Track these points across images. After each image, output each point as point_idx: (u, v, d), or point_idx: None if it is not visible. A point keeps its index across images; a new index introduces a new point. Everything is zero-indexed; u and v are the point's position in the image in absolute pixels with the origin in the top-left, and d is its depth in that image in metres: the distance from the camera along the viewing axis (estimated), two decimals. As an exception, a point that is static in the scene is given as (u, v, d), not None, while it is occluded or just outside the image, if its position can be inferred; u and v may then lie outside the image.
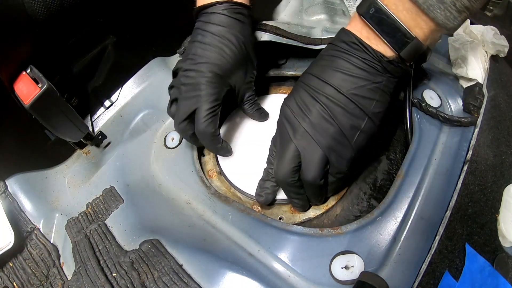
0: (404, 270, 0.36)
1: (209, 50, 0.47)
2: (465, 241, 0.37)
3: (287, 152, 0.41)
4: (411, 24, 0.37)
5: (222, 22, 0.47)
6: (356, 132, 0.40)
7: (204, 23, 0.48)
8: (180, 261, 0.41)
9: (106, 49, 0.68)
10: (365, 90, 0.39)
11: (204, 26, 0.47)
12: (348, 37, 0.40)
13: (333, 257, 0.38)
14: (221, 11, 0.47)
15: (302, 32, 0.55)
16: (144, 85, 0.66)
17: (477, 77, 0.48)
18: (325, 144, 0.40)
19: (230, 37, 0.47)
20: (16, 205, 0.54)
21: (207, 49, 0.47)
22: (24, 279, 0.48)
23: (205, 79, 0.46)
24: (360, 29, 0.40)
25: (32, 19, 0.48)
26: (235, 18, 0.48)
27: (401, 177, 0.43)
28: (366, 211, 0.46)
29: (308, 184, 0.42)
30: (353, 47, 0.40)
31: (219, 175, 0.53)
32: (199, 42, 0.47)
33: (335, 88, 0.40)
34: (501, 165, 0.44)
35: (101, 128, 0.64)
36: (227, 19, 0.47)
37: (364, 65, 0.39)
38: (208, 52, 0.47)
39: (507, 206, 0.42)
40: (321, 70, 0.41)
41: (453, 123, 0.46)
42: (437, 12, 0.35)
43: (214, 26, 0.47)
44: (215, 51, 0.46)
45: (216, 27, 0.47)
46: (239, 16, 0.48)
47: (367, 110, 0.40)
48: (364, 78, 0.39)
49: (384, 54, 0.39)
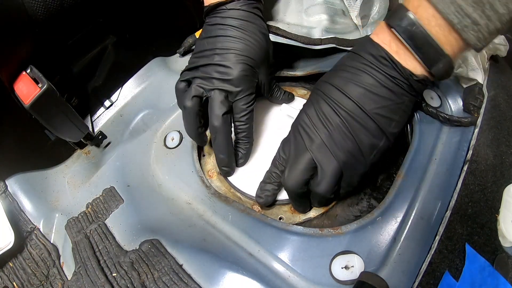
0: (404, 270, 0.36)
1: (237, 42, 0.46)
2: (465, 241, 0.37)
3: (301, 162, 0.40)
4: (442, 40, 0.35)
5: (242, 16, 0.47)
6: (373, 150, 0.40)
7: (222, 18, 0.47)
8: (180, 261, 0.41)
9: (106, 49, 0.68)
10: (387, 110, 0.39)
11: (224, 21, 0.47)
12: (376, 51, 0.38)
13: (333, 257, 0.38)
14: (240, 7, 0.46)
15: (302, 32, 0.55)
16: (144, 85, 0.66)
17: (477, 77, 0.48)
18: (342, 159, 0.39)
19: (253, 30, 0.47)
20: (16, 205, 0.54)
21: (234, 41, 0.46)
22: (24, 279, 0.48)
23: (239, 71, 0.45)
24: (389, 42, 0.38)
25: (32, 19, 0.48)
26: (253, 12, 0.48)
27: (401, 177, 0.43)
28: (366, 211, 0.46)
29: (317, 195, 0.41)
30: (382, 62, 0.38)
31: (219, 175, 0.53)
32: (222, 36, 0.46)
33: (357, 104, 0.38)
34: (501, 165, 0.44)
35: (101, 128, 0.64)
36: (246, 13, 0.47)
37: (390, 83, 0.38)
38: (236, 44, 0.46)
39: (507, 206, 0.42)
40: (344, 82, 0.40)
41: (453, 123, 0.45)
42: (470, 33, 0.34)
43: (235, 20, 0.46)
44: (243, 43, 0.46)
45: (238, 21, 0.46)
46: (256, 10, 0.48)
47: (386, 130, 0.39)
48: (388, 98, 0.38)
49: (413, 71, 0.37)
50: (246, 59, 0.46)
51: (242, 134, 0.49)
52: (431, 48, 0.36)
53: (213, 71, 0.46)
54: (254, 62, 0.47)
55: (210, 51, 0.47)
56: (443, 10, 0.34)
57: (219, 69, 0.46)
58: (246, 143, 0.50)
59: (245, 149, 0.50)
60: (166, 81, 0.64)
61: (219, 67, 0.46)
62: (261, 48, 0.47)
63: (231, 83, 0.46)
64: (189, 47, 0.67)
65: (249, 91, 0.47)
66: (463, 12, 0.33)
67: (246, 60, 0.46)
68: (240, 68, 0.45)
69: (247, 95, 0.47)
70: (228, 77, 0.45)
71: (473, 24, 0.33)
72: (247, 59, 0.46)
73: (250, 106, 0.48)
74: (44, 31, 0.51)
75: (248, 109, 0.48)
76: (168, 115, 0.59)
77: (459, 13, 0.33)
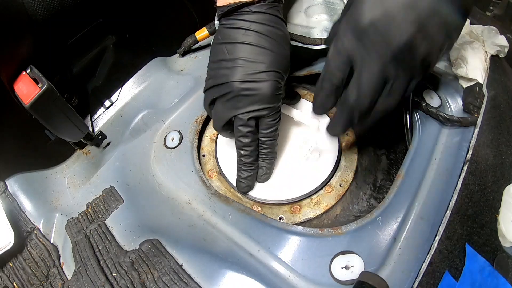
0: (404, 270, 0.36)
1: (264, 54, 0.41)
2: (465, 241, 0.37)
3: None
4: None
5: (269, 21, 0.42)
6: None
7: (246, 22, 0.42)
8: (180, 261, 0.41)
9: (106, 49, 0.68)
10: None
11: (248, 25, 0.42)
12: None
13: (333, 257, 0.38)
14: (265, 10, 0.42)
15: (302, 32, 0.55)
16: (144, 85, 0.66)
17: (477, 77, 0.48)
18: None
19: (280, 39, 0.43)
20: (16, 205, 0.54)
21: (261, 53, 0.41)
22: (24, 279, 0.48)
23: (269, 90, 0.41)
24: None
25: (32, 19, 0.48)
26: (278, 16, 0.43)
27: (401, 177, 0.43)
28: (366, 211, 0.46)
29: None
30: None
31: (219, 175, 0.53)
32: (247, 44, 0.42)
33: None
34: (501, 165, 0.44)
35: (101, 128, 0.64)
36: (272, 18, 0.43)
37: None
38: (264, 56, 0.41)
39: (507, 206, 0.42)
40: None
41: (453, 123, 0.45)
42: None
43: (261, 26, 0.42)
44: (271, 54, 0.42)
45: (265, 27, 0.42)
46: (279, 13, 0.44)
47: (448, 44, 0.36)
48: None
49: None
50: (275, 75, 0.42)
51: (268, 149, 0.46)
52: None
53: (239, 89, 0.41)
54: (282, 76, 0.43)
55: (232, 61, 0.42)
56: None
57: (246, 86, 0.41)
58: (271, 157, 0.47)
59: (269, 163, 0.48)
60: (166, 81, 0.65)
61: (246, 83, 0.41)
62: (286, 59, 0.44)
63: (260, 103, 0.42)
64: (189, 47, 0.67)
65: (277, 108, 0.44)
66: None
67: (275, 76, 0.42)
68: (270, 86, 0.41)
69: (274, 112, 0.44)
70: (256, 96, 0.41)
71: None
72: (276, 74, 0.42)
73: (278, 121, 0.45)
74: (44, 31, 0.51)
75: (276, 125, 0.45)
76: (168, 115, 0.59)
77: None
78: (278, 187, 0.49)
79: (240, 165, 0.47)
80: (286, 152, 0.51)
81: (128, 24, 0.70)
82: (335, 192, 0.48)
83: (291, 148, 0.51)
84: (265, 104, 0.42)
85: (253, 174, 0.47)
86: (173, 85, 0.64)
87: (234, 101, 0.42)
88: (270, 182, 0.49)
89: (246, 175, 0.47)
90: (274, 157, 0.48)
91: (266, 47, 0.42)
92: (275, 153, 0.48)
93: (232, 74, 0.42)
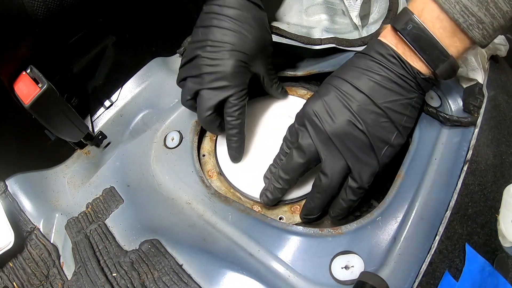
0: (404, 270, 0.36)
1: (230, 35, 0.44)
2: (465, 241, 0.37)
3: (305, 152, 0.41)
4: (446, 42, 0.37)
5: (240, 5, 0.45)
6: (385, 146, 0.40)
7: (219, 6, 0.45)
8: (180, 261, 0.41)
9: (106, 49, 0.68)
10: (397, 104, 0.39)
11: (220, 10, 0.45)
12: (385, 50, 0.39)
13: (333, 257, 0.38)
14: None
15: (302, 32, 0.55)
16: (144, 85, 0.66)
17: (477, 77, 0.48)
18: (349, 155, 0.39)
19: (250, 21, 0.45)
20: (16, 205, 0.54)
21: (228, 34, 0.44)
22: (24, 279, 0.48)
23: (231, 68, 0.44)
24: (395, 44, 0.39)
25: (32, 19, 0.48)
26: (251, 1, 0.46)
27: (401, 177, 0.43)
28: (366, 211, 0.46)
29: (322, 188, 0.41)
30: (391, 60, 0.39)
31: (219, 175, 0.53)
32: (216, 27, 0.45)
33: (369, 97, 0.39)
34: (501, 165, 0.44)
35: (101, 128, 0.64)
36: (244, 2, 0.45)
37: (399, 80, 0.39)
38: (229, 37, 0.44)
39: (507, 206, 0.42)
40: (355, 77, 0.40)
41: (453, 123, 0.45)
42: (475, 32, 0.35)
43: (232, 10, 0.45)
44: (237, 36, 0.44)
45: (235, 10, 0.45)
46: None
47: (398, 124, 0.39)
48: (398, 93, 0.39)
49: (420, 71, 0.38)
50: (239, 55, 0.45)
51: (234, 130, 0.48)
52: (436, 50, 0.37)
53: (204, 66, 0.45)
54: (248, 57, 0.46)
55: (202, 42, 0.46)
56: (449, 10, 0.35)
57: (210, 63, 0.45)
58: (237, 140, 0.49)
59: (236, 143, 0.50)
60: (166, 81, 0.64)
61: (210, 60, 0.45)
62: (256, 41, 0.46)
63: (222, 80, 0.45)
64: (189, 47, 0.67)
65: (240, 87, 0.46)
66: (468, 12, 0.34)
67: (238, 56, 0.45)
68: (232, 64, 0.44)
69: (238, 91, 0.46)
70: (219, 73, 0.45)
71: (478, 23, 0.35)
72: (240, 54, 0.45)
73: (242, 101, 0.47)
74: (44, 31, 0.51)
75: (240, 104, 0.47)
76: (168, 115, 0.59)
77: (465, 13, 0.34)
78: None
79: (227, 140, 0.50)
80: (286, 152, 0.51)
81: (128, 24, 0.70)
82: (335, 192, 0.48)
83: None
84: (227, 82, 0.45)
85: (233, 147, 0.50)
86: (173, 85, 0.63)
87: (200, 78, 0.46)
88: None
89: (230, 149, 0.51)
90: (241, 138, 0.50)
91: (234, 29, 0.45)
92: (242, 134, 0.49)
93: (200, 52, 0.46)
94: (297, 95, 0.58)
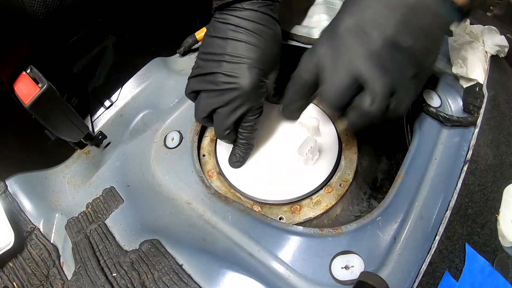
0: (404, 270, 0.36)
1: (249, 50, 0.43)
2: (465, 241, 0.37)
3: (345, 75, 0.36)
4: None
5: (259, 19, 0.43)
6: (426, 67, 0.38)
7: (237, 18, 0.43)
8: (180, 261, 0.41)
9: (106, 49, 0.68)
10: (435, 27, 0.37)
11: (238, 22, 0.43)
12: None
13: (333, 257, 0.38)
14: (257, 8, 0.43)
15: (302, 32, 0.55)
16: (144, 85, 0.66)
17: (477, 77, 0.48)
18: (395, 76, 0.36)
19: (268, 37, 0.44)
20: (16, 205, 0.54)
21: (247, 49, 0.43)
22: (24, 279, 0.48)
23: (250, 86, 0.43)
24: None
25: (32, 19, 0.48)
26: (270, 15, 0.44)
27: (401, 177, 0.43)
28: (366, 211, 0.46)
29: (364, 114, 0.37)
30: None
31: (219, 175, 0.53)
32: (234, 39, 0.43)
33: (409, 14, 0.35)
34: (501, 165, 0.44)
35: (101, 128, 0.64)
36: (264, 16, 0.43)
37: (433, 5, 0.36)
38: (248, 52, 0.43)
39: (507, 206, 0.42)
40: None
41: (453, 123, 0.46)
42: None
43: (251, 23, 0.43)
44: (256, 51, 0.43)
45: (254, 24, 0.43)
46: (273, 13, 0.45)
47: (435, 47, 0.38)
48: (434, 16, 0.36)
49: None
50: (258, 71, 0.43)
51: (244, 141, 0.49)
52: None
53: (222, 83, 0.43)
54: (265, 73, 0.44)
55: (219, 55, 0.43)
56: None
57: (229, 80, 0.43)
58: (246, 148, 0.50)
59: (243, 153, 0.50)
60: (166, 81, 0.65)
61: (229, 77, 0.43)
62: (272, 57, 0.45)
63: (241, 97, 0.43)
64: (189, 47, 0.67)
65: (258, 104, 0.46)
66: None
67: (257, 72, 0.43)
68: (250, 82, 0.42)
69: (255, 108, 0.46)
70: (237, 90, 0.43)
71: None
72: (259, 71, 0.43)
73: (258, 117, 0.47)
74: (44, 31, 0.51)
75: (255, 120, 0.47)
76: (168, 115, 0.59)
77: None
78: (278, 187, 0.49)
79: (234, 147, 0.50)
80: (286, 152, 0.51)
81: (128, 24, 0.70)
82: (335, 192, 0.48)
83: (291, 148, 0.51)
84: (245, 100, 0.44)
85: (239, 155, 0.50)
86: (173, 85, 0.64)
87: (217, 95, 0.44)
88: (270, 182, 0.49)
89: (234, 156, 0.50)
90: (250, 148, 0.50)
91: (254, 44, 0.43)
92: (252, 144, 0.50)
93: (217, 66, 0.43)
94: (297, 95, 0.58)
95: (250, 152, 0.51)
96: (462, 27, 0.53)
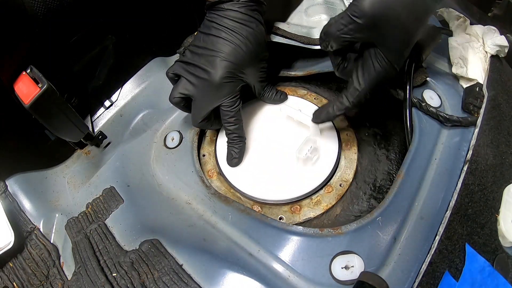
0: (404, 270, 0.36)
1: (224, 45, 0.47)
2: (465, 241, 0.37)
3: None
4: None
5: (239, 19, 0.47)
6: None
7: (220, 17, 0.47)
8: (180, 261, 0.41)
9: (106, 49, 0.68)
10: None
11: (220, 20, 0.47)
12: None
13: (333, 257, 0.38)
14: (238, 8, 0.47)
15: (302, 32, 0.55)
16: (144, 85, 0.66)
17: (477, 77, 0.48)
18: None
19: (247, 35, 0.47)
20: (16, 205, 0.54)
21: (223, 44, 0.47)
22: (24, 279, 0.48)
23: (220, 77, 0.46)
24: None
25: (32, 19, 0.48)
26: (252, 15, 0.48)
27: (401, 177, 0.43)
28: (366, 211, 0.46)
29: None
30: None
31: (219, 175, 0.53)
32: (214, 36, 0.47)
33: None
34: (501, 165, 0.44)
35: (101, 128, 0.64)
36: (244, 16, 0.47)
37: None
38: (223, 46, 0.47)
39: (507, 206, 0.42)
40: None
41: (453, 123, 0.46)
42: None
43: (231, 22, 0.47)
44: (231, 47, 0.47)
45: (234, 23, 0.47)
46: (255, 13, 0.48)
47: None
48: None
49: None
50: (228, 64, 0.46)
51: (233, 135, 0.50)
52: None
53: (199, 72, 0.48)
54: (238, 67, 0.47)
55: (202, 49, 0.48)
56: None
57: (202, 74, 0.47)
58: (239, 142, 0.51)
59: (238, 148, 0.51)
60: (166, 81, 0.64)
61: (203, 71, 0.47)
62: (249, 53, 0.48)
63: (212, 88, 0.47)
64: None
65: (231, 95, 0.48)
66: None
67: (228, 65, 0.46)
68: (221, 73, 0.46)
69: (230, 99, 0.48)
70: (208, 81, 0.47)
71: None
72: (229, 64, 0.47)
73: (234, 108, 0.49)
74: (44, 30, 0.51)
75: (233, 111, 0.49)
76: (168, 115, 0.59)
77: None
78: (278, 187, 0.49)
79: None
80: (286, 152, 0.51)
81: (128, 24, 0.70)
82: (335, 192, 0.48)
83: (291, 148, 0.51)
84: (216, 90, 0.47)
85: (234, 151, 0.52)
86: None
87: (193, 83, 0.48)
88: (270, 182, 0.49)
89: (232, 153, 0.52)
90: (242, 141, 0.51)
91: (229, 39, 0.47)
92: (243, 137, 0.51)
93: (198, 59, 0.48)
94: (297, 95, 0.58)
95: (245, 146, 0.52)
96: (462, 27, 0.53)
